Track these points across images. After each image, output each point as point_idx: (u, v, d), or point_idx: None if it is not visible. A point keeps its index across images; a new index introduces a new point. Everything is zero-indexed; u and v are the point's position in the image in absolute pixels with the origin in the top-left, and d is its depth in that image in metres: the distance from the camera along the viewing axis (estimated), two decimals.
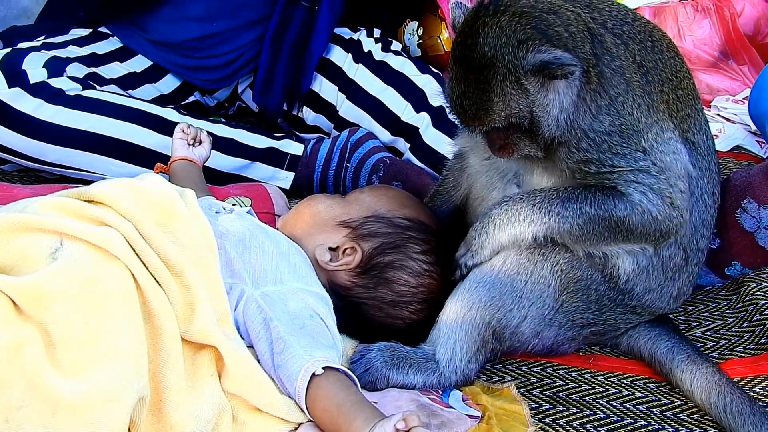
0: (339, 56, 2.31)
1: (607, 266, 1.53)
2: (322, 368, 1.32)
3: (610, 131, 1.42)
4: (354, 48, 2.32)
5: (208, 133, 2.07)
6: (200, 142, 1.83)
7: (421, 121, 2.18)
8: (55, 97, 1.99)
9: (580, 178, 1.46)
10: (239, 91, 2.41)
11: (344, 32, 2.37)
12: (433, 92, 2.20)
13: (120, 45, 2.22)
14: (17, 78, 1.99)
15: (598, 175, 1.45)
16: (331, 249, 1.58)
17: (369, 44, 2.32)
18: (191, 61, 2.25)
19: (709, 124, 2.48)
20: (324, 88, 2.30)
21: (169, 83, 2.28)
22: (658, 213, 1.46)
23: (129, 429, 1.26)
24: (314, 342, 1.37)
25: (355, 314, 1.56)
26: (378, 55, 2.29)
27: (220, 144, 2.08)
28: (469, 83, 1.39)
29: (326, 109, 2.30)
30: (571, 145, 1.43)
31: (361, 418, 1.26)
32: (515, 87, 1.37)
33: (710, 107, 2.69)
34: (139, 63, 2.23)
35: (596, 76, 1.40)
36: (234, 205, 1.68)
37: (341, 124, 2.27)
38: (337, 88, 2.28)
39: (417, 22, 2.66)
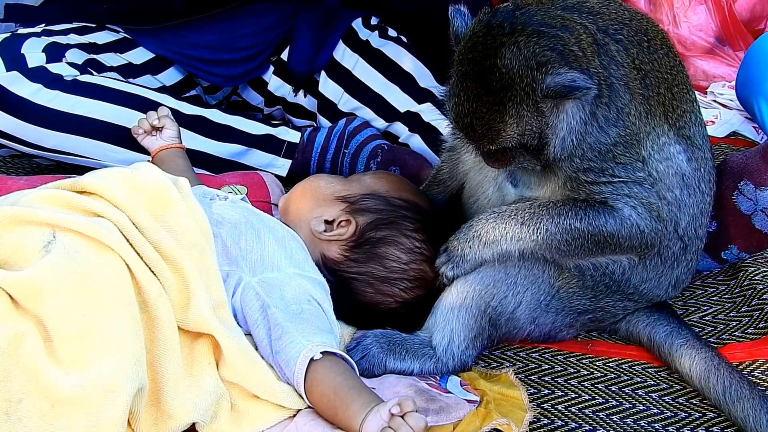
0: (337, 48, 2.31)
1: (601, 263, 1.54)
2: (320, 353, 1.32)
3: (615, 142, 1.43)
4: (351, 38, 2.31)
5: (203, 118, 2.06)
6: (161, 127, 1.81)
7: (422, 109, 2.19)
8: (54, 82, 1.97)
9: (572, 188, 1.46)
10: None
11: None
12: (431, 83, 2.20)
13: (121, 36, 2.21)
14: (16, 62, 1.98)
15: (593, 185, 1.45)
16: (326, 222, 1.58)
17: (365, 33, 2.32)
18: (213, 54, 2.25)
19: (706, 110, 2.50)
20: (323, 80, 2.29)
21: (171, 76, 2.26)
22: (645, 226, 1.48)
23: (128, 420, 1.26)
24: (312, 327, 1.37)
25: (346, 292, 1.56)
26: (375, 42, 2.29)
27: (217, 130, 2.07)
28: (482, 103, 1.37)
29: (324, 102, 2.30)
30: (575, 157, 1.43)
31: (357, 403, 1.26)
32: (531, 109, 1.36)
33: (706, 93, 2.69)
34: (138, 55, 2.21)
35: (606, 89, 1.39)
36: (230, 192, 1.68)
37: (339, 115, 2.27)
38: (335, 82, 2.28)
39: None
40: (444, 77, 2.15)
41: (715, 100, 2.66)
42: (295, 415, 1.35)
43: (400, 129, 2.22)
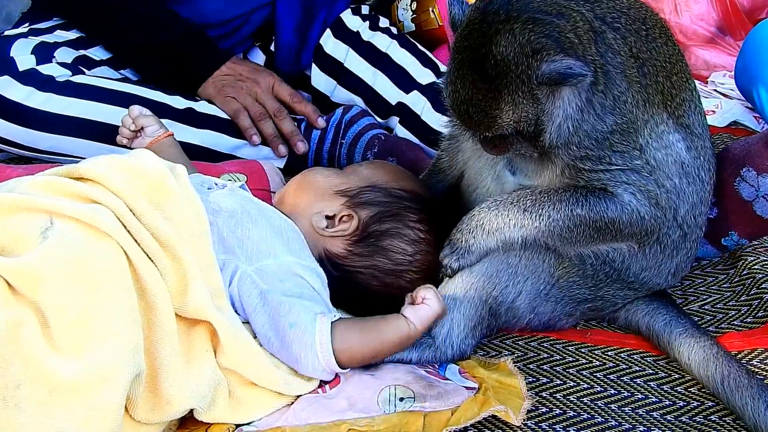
0: (326, 40, 2.30)
1: (601, 251, 1.54)
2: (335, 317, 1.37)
3: (612, 130, 1.42)
4: (341, 29, 2.30)
5: (196, 111, 2.05)
6: (141, 126, 1.76)
7: (410, 100, 2.18)
8: (46, 84, 1.97)
9: (570, 175, 1.46)
10: None
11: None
12: (420, 73, 2.20)
13: None
14: (6, 66, 1.98)
15: (591, 172, 1.45)
16: (327, 217, 1.57)
17: (356, 23, 2.31)
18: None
19: (707, 100, 2.49)
20: (314, 73, 2.29)
21: None
22: (645, 213, 1.48)
23: (126, 406, 1.26)
24: (315, 304, 1.39)
25: (351, 285, 1.56)
26: (366, 35, 2.28)
27: (212, 123, 2.07)
28: (477, 90, 1.37)
29: (318, 96, 2.29)
30: (571, 145, 1.43)
31: (390, 318, 1.40)
32: (527, 96, 1.35)
33: (707, 83, 2.68)
34: None
35: (602, 76, 1.39)
36: (229, 180, 1.68)
37: (332, 107, 2.26)
38: (327, 74, 2.27)
39: None
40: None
41: (715, 90, 2.65)
42: (293, 403, 1.36)
43: (394, 123, 2.21)
